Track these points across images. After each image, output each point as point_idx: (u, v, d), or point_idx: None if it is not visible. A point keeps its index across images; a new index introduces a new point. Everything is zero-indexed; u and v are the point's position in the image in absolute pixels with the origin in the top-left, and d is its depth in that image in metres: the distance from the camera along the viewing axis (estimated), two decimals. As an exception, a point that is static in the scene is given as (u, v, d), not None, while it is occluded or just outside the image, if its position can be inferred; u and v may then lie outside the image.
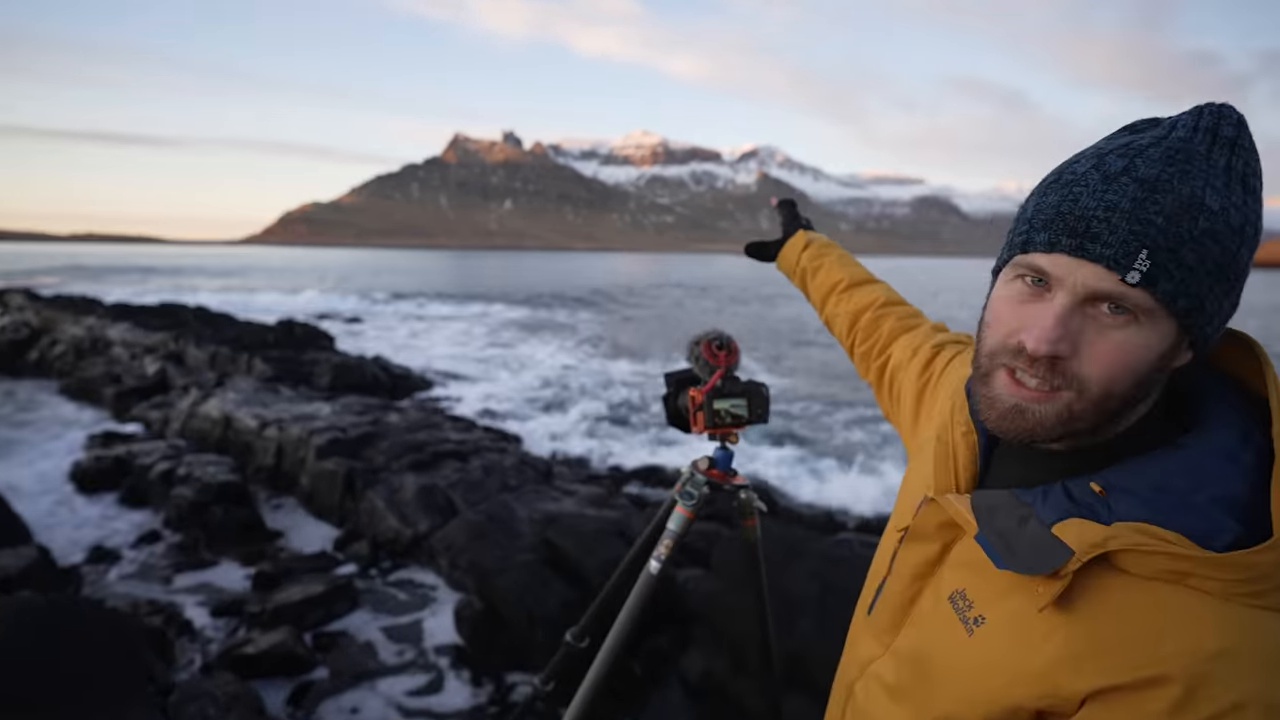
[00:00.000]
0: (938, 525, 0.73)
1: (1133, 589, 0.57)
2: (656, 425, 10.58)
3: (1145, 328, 0.58)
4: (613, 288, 48.96)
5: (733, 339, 1.10)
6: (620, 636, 1.13)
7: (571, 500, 5.38)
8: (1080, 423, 0.61)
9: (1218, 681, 0.52)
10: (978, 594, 0.66)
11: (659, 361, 17.18)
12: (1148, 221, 0.55)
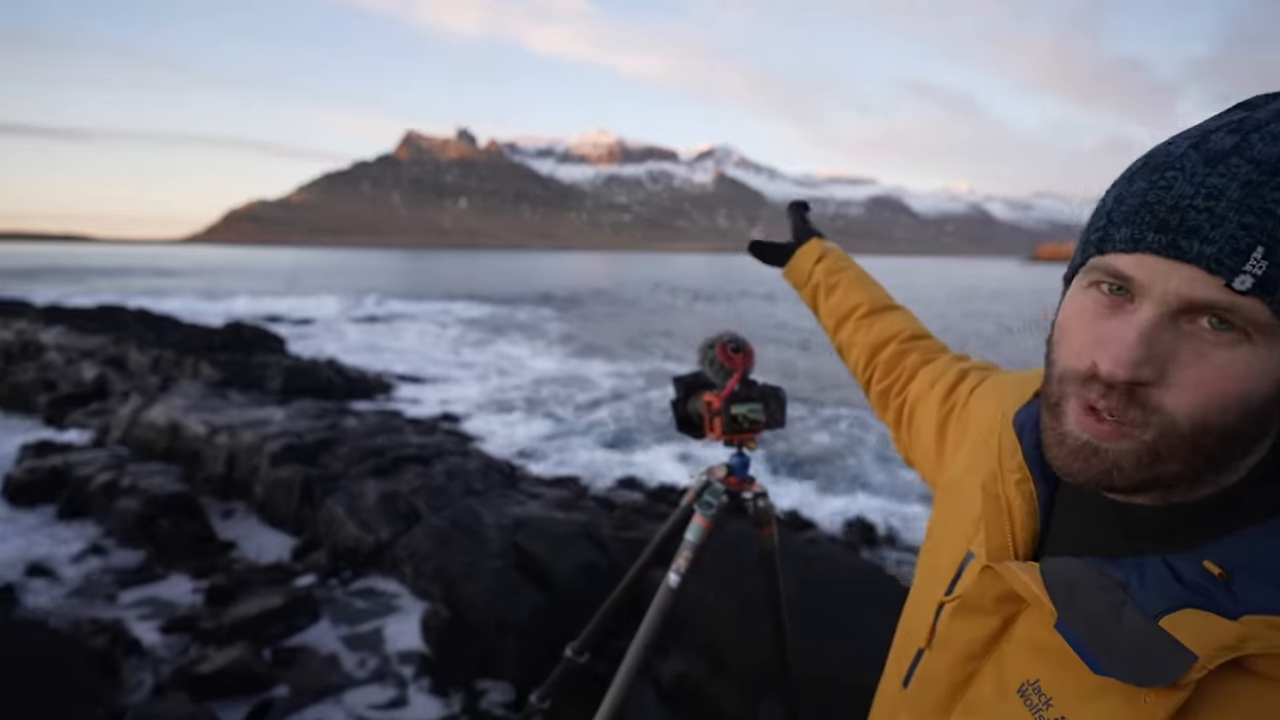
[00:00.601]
0: (996, 598, 0.59)
1: (1269, 696, 0.45)
2: (621, 426, 10.54)
3: (1260, 348, 0.45)
4: (577, 288, 48.75)
5: (747, 341, 1.05)
6: (640, 653, 1.08)
7: (538, 503, 5.29)
8: (1169, 466, 0.49)
9: None
10: (1056, 690, 0.53)
11: (625, 361, 17.14)
12: (1265, 212, 0.43)
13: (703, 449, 9.45)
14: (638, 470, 8.25)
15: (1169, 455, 0.48)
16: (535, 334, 22.28)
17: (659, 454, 9.07)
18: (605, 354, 18.37)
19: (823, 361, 15.93)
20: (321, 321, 22.89)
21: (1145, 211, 0.47)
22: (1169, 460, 0.49)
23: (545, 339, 21.14)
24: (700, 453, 9.26)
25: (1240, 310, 0.44)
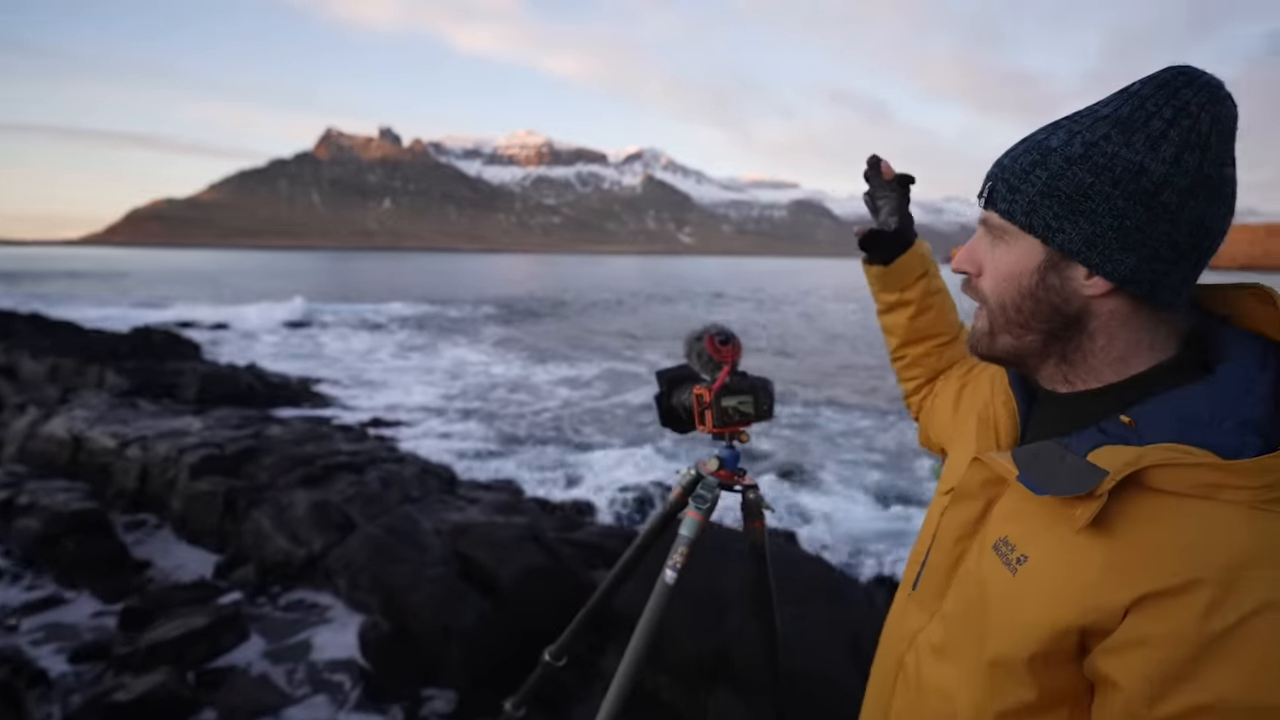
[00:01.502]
0: (982, 483, 0.77)
1: (1166, 505, 0.61)
2: (563, 428, 10.45)
3: (1011, 244, 0.72)
4: (512, 290, 48.09)
5: (735, 333, 1.05)
6: (639, 653, 1.06)
7: (478, 508, 5.19)
8: (1003, 337, 0.75)
9: (1248, 583, 0.55)
10: (1019, 537, 0.70)
11: (564, 363, 17.01)
12: (999, 164, 0.73)
13: (644, 451, 9.47)
14: (579, 473, 8.20)
15: (998, 328, 0.75)
16: (473, 337, 21.87)
17: (601, 456, 9.05)
18: (543, 355, 18.21)
19: (763, 361, 16.23)
20: (241, 327, 21.75)
21: None
22: (1001, 332, 0.75)
23: (484, 342, 20.78)
24: (641, 455, 9.28)
25: (990, 219, 0.74)
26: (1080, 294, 0.69)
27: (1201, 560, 0.57)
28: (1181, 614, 0.56)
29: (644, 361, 17.91)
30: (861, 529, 6.49)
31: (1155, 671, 0.57)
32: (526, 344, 20.65)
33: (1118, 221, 0.65)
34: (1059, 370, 0.75)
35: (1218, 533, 0.58)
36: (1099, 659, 0.62)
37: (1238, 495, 0.58)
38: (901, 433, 11.09)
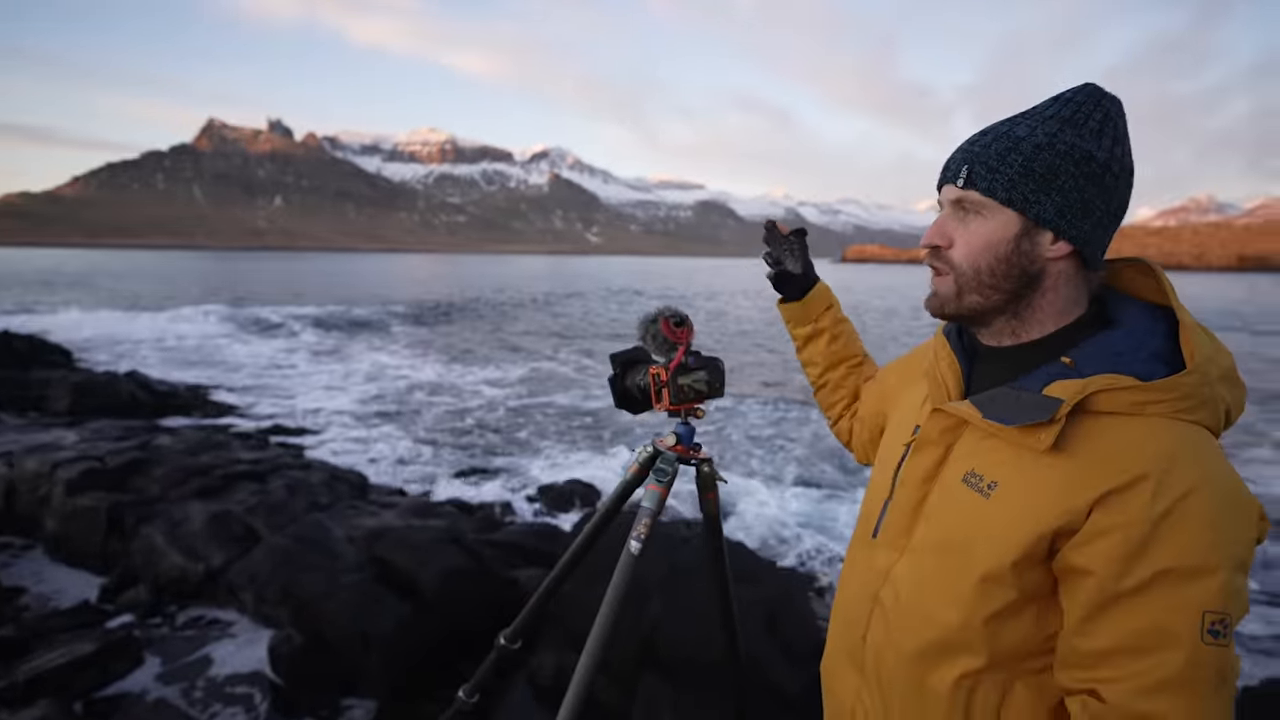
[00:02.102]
0: (941, 431, 0.91)
1: (1107, 423, 0.78)
2: (478, 429, 10.25)
3: (987, 216, 0.85)
4: (421, 290, 46.60)
5: (688, 315, 1.10)
6: (607, 625, 1.08)
7: (393, 513, 5.04)
8: (971, 297, 0.88)
9: (1177, 474, 0.73)
10: (987, 468, 0.85)
11: (485, 365, 16.65)
12: (969, 151, 0.87)
13: (566, 450, 9.43)
14: (500, 473, 8.08)
15: (966, 290, 0.88)
16: (387, 339, 21.03)
17: (523, 457, 8.95)
18: (462, 357, 17.77)
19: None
20: (119, 329, 20.00)
21: (942, 170, 0.91)
22: (970, 293, 0.88)
23: (398, 344, 20.02)
24: (563, 455, 9.25)
25: (968, 198, 0.86)
26: (1044, 257, 0.85)
27: (1142, 460, 0.74)
28: (1134, 503, 0.73)
29: (569, 362, 17.81)
30: (779, 516, 6.72)
31: (1119, 552, 0.72)
32: (443, 345, 20.08)
33: (1079, 195, 0.83)
34: (1008, 325, 0.90)
35: (1150, 438, 0.75)
36: (1070, 554, 0.76)
37: (1159, 409, 0.77)
38: (819, 424, 11.56)
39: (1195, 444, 0.76)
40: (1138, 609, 0.72)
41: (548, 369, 16.58)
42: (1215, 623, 0.70)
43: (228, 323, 23.08)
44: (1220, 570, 0.71)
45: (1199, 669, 0.70)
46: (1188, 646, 0.70)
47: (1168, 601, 0.71)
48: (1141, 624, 0.72)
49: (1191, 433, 0.77)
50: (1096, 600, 0.74)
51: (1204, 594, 0.70)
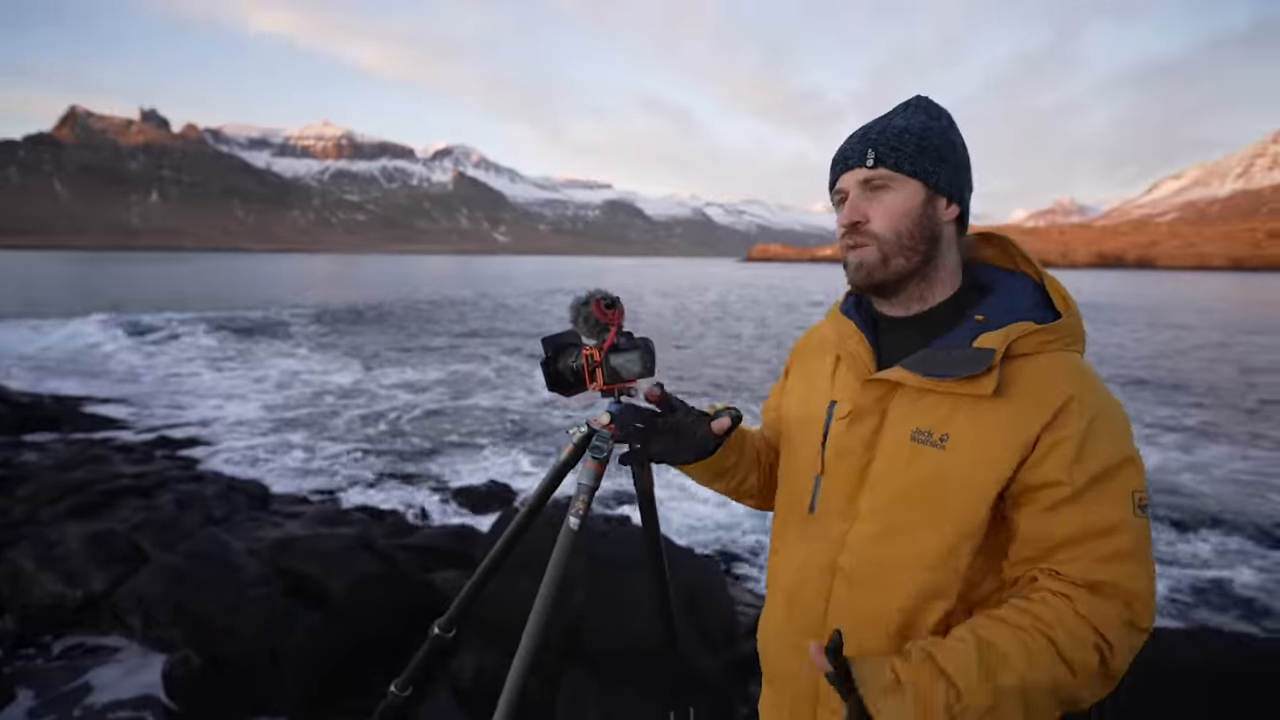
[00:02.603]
0: (876, 399, 1.00)
1: (1027, 363, 0.93)
2: (391, 434, 9.88)
3: (898, 190, 0.99)
4: (322, 292, 44.35)
5: (619, 297, 1.12)
6: (547, 601, 1.08)
7: (298, 523, 4.81)
8: (896, 262, 0.99)
9: (1088, 390, 0.91)
10: (933, 424, 0.95)
11: (400, 368, 16.03)
12: (868, 139, 1.01)
13: (483, 452, 9.25)
14: (413, 478, 7.83)
15: (891, 255, 0.99)
16: (291, 343, 19.87)
17: (437, 460, 8.70)
18: (376, 360, 17.06)
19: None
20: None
21: (837, 161, 1.04)
22: (895, 256, 0.99)
23: (304, 348, 18.96)
24: (480, 456, 9.06)
25: (878, 174, 0.99)
26: (942, 220, 1.01)
27: (1064, 385, 0.90)
28: (1070, 419, 0.88)
29: (491, 362, 17.43)
30: (697, 509, 6.85)
31: (1066, 460, 0.87)
32: (353, 349, 19.19)
33: (958, 167, 1.01)
34: (917, 289, 1.03)
35: (1061, 368, 0.92)
36: (1025, 475, 0.89)
37: (1055, 345, 0.94)
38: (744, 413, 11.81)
39: (1086, 368, 0.95)
40: (1087, 503, 0.87)
41: (466, 370, 16.21)
42: (1140, 499, 0.88)
43: (111, 329, 21.11)
44: (1134, 458, 0.90)
45: (1137, 538, 0.87)
46: (1127, 523, 0.87)
47: (1108, 492, 0.87)
48: (1093, 514, 0.87)
49: (1080, 359, 0.96)
50: (1053, 503, 0.88)
51: (1129, 480, 0.88)
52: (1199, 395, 14.31)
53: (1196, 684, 3.05)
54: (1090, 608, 0.84)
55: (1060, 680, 0.82)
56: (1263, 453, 9.94)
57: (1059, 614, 0.84)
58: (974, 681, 0.79)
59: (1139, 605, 0.86)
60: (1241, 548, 6.49)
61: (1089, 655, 0.82)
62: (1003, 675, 0.80)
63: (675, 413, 1.09)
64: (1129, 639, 0.85)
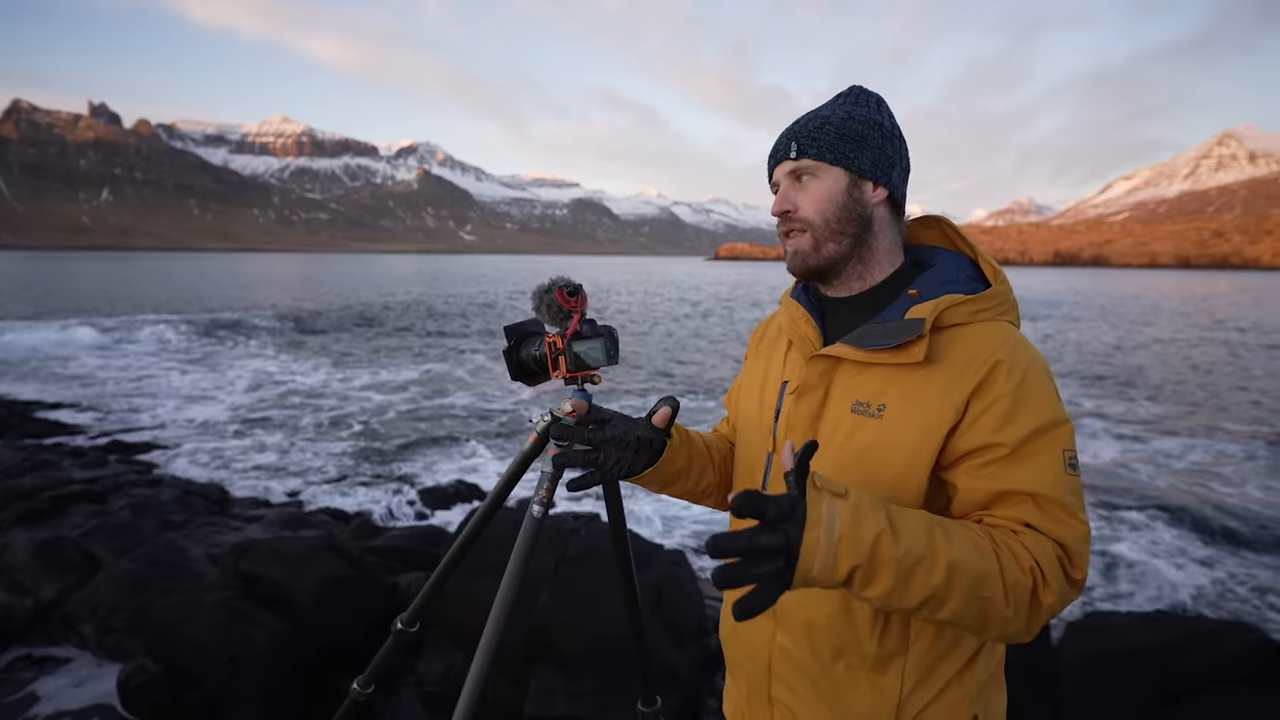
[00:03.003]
0: (820, 374, 1.04)
1: (957, 332, 0.98)
2: (359, 435, 9.71)
3: (822, 178, 1.03)
4: (283, 292, 43.39)
5: (581, 285, 1.11)
6: (511, 590, 1.07)
7: (259, 526, 4.70)
8: (829, 246, 1.04)
9: (1017, 355, 0.95)
10: (871, 395, 0.99)
11: (372, 369, 15.74)
12: (792, 132, 1.06)
13: (451, 452, 9.15)
14: (380, 479, 7.71)
15: (822, 240, 1.04)
16: (259, 345, 19.38)
17: (405, 461, 8.58)
18: (346, 361, 16.73)
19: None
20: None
21: (770, 155, 1.09)
22: (825, 243, 1.04)
23: (272, 349, 18.51)
24: (448, 457, 8.96)
25: (801, 165, 1.04)
26: (870, 203, 1.05)
27: (993, 351, 0.94)
28: (998, 383, 0.93)
29: (466, 362, 17.23)
30: (671, 504, 6.86)
31: (996, 423, 0.91)
32: (321, 349, 18.83)
33: (882, 150, 1.05)
34: (856, 270, 1.07)
35: (991, 335, 0.97)
36: (961, 440, 0.93)
37: (986, 315, 0.99)
38: (702, 406, 11.88)
39: (1016, 334, 0.99)
40: (1019, 461, 0.91)
41: (439, 370, 16.01)
42: (1071, 458, 0.92)
43: (67, 331, 20.33)
44: (1063, 419, 0.93)
45: (1069, 494, 0.90)
46: (1060, 479, 0.90)
47: (1039, 451, 0.91)
48: (1025, 472, 0.90)
49: (1011, 327, 1.01)
50: (986, 463, 0.92)
51: (1059, 439, 0.92)
52: (1151, 389, 14.79)
53: (1148, 662, 3.16)
54: (1030, 539, 0.88)
55: (991, 578, 0.82)
56: (1212, 444, 10.32)
57: (1004, 534, 0.88)
58: (913, 532, 0.80)
59: (1072, 555, 0.88)
60: (1192, 535, 6.73)
61: (1024, 576, 0.84)
62: (941, 542, 0.81)
63: (609, 424, 1.06)
64: (1062, 581, 0.87)
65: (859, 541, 0.76)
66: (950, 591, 0.80)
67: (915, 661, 0.98)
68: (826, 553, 0.75)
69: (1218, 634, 3.19)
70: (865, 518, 0.78)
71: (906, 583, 0.79)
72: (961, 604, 0.81)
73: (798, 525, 0.74)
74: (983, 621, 0.84)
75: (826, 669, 1.01)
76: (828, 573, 0.76)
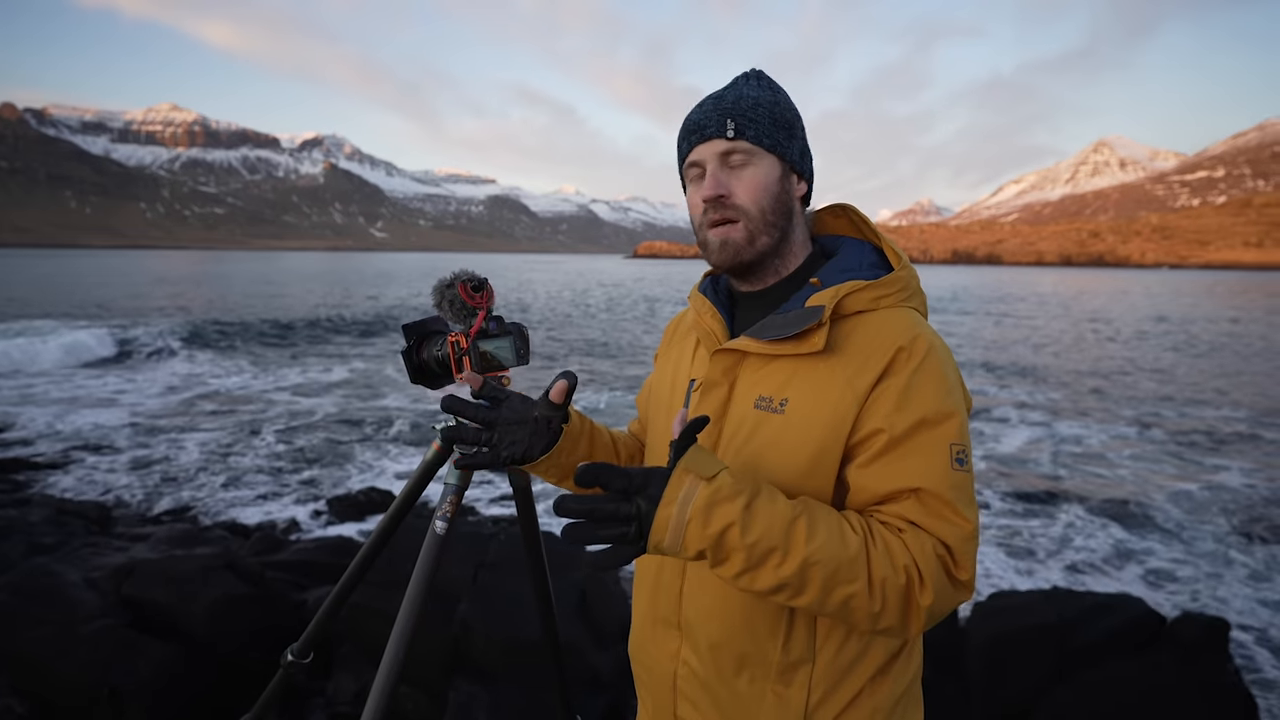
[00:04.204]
0: (724, 370, 1.00)
1: (860, 320, 0.95)
2: (266, 441, 9.13)
3: (758, 164, 0.97)
4: (196, 299, 40.47)
5: (486, 279, 1.02)
6: (413, 615, 0.97)
7: (146, 545, 4.32)
8: (762, 239, 0.98)
9: (918, 342, 0.91)
10: (774, 390, 0.95)
11: (289, 370, 14.81)
12: (724, 108, 0.97)
13: (365, 456, 8.74)
14: (287, 488, 7.27)
15: (757, 232, 0.97)
16: (162, 347, 17.91)
17: (317, 468, 8.13)
18: (264, 362, 15.69)
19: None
20: None
21: (691, 130, 1.00)
22: (761, 234, 0.98)
23: (180, 353, 17.15)
24: (361, 461, 8.56)
25: (739, 146, 0.96)
26: (795, 196, 1.01)
27: (895, 337, 0.91)
28: (898, 370, 0.90)
29: (387, 363, 16.50)
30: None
31: (889, 409, 0.88)
32: (224, 351, 17.63)
33: (804, 142, 1.02)
34: (772, 264, 1.02)
35: (894, 321, 0.93)
36: (864, 424, 0.90)
37: (889, 300, 0.96)
38: (615, 402, 11.85)
39: (920, 322, 0.96)
40: (905, 452, 0.88)
41: (360, 371, 15.30)
42: (959, 453, 0.88)
43: None
44: (956, 412, 0.90)
45: (953, 490, 0.87)
46: (945, 474, 0.87)
47: (926, 443, 0.88)
48: (911, 465, 0.87)
49: (916, 314, 0.97)
50: (875, 452, 0.89)
51: (949, 433, 0.88)
52: (1046, 377, 15.86)
53: (1047, 637, 3.35)
54: (911, 537, 0.85)
55: (851, 575, 0.81)
56: (1101, 429, 11.14)
57: (887, 532, 0.86)
58: (770, 524, 0.80)
59: (956, 554, 0.85)
60: (1088, 514, 7.23)
61: (896, 574, 0.82)
62: (799, 536, 0.80)
63: (504, 402, 0.99)
64: (941, 581, 0.84)
65: (707, 527, 0.78)
66: (805, 583, 0.81)
67: (823, 670, 0.94)
68: (675, 531, 0.78)
69: (1108, 607, 3.42)
70: (720, 506, 0.79)
71: (756, 570, 0.80)
72: (818, 596, 0.81)
73: (652, 501, 0.79)
74: (847, 616, 0.84)
75: (730, 684, 0.96)
76: (677, 548, 0.79)
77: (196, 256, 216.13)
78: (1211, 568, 5.95)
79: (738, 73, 1.05)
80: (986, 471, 8.62)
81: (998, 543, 6.43)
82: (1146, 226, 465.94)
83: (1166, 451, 9.83)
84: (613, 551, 0.79)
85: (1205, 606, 5.24)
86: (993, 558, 6.06)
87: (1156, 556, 6.18)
